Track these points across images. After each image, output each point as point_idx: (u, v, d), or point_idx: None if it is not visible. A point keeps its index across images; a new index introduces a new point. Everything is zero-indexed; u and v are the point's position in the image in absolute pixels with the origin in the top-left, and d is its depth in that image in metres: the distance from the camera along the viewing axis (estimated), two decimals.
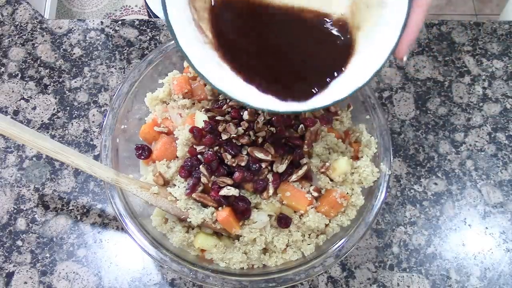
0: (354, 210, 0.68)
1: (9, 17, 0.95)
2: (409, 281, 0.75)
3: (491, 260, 0.77)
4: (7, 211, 0.80)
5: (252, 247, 0.66)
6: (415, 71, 0.90)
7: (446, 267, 0.76)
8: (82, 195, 0.81)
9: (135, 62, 0.90)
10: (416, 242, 0.78)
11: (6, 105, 0.87)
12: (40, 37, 0.93)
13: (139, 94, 0.74)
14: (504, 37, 0.93)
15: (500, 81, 0.90)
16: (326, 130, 0.71)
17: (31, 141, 0.64)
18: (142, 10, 2.33)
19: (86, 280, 0.75)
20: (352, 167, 0.68)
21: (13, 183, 0.82)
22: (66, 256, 0.77)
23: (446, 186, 0.82)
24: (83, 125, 0.86)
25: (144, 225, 0.67)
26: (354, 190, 0.68)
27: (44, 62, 0.91)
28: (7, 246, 0.78)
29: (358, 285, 0.75)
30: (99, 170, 0.66)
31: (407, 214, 0.80)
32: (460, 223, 0.79)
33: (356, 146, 0.72)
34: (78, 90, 0.89)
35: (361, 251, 0.77)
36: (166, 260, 0.64)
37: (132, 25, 0.94)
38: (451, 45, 0.92)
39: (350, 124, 0.74)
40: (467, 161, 0.84)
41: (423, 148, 0.84)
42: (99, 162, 0.68)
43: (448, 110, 0.87)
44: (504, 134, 0.86)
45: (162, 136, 0.73)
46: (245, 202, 0.65)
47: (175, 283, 0.75)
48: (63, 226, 0.79)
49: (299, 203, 0.66)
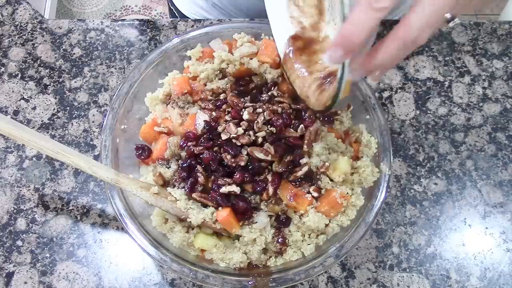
0: (354, 210, 0.68)
1: (9, 17, 0.95)
2: (409, 281, 0.75)
3: (491, 260, 0.77)
4: (7, 211, 0.80)
5: (252, 247, 0.66)
6: (415, 71, 0.90)
7: (446, 267, 0.76)
8: (82, 195, 0.81)
9: (135, 62, 0.90)
10: (416, 242, 0.78)
11: (6, 105, 0.87)
12: (40, 37, 0.93)
13: (139, 94, 0.74)
14: (504, 37, 0.93)
15: (500, 81, 0.90)
16: (326, 130, 0.71)
17: (31, 141, 0.64)
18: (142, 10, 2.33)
19: (86, 280, 0.75)
20: (352, 167, 0.68)
21: (13, 183, 0.82)
22: (66, 256, 0.77)
23: (446, 186, 0.82)
24: (83, 125, 0.86)
25: (144, 225, 0.67)
26: (354, 190, 0.68)
27: (44, 62, 0.91)
28: (7, 246, 0.78)
29: (358, 285, 0.75)
30: (99, 170, 0.66)
31: (407, 214, 0.80)
32: (460, 223, 0.79)
33: (356, 146, 0.72)
34: (78, 90, 0.89)
35: (361, 251, 0.77)
36: (166, 260, 0.64)
37: (132, 25, 0.94)
38: (451, 45, 0.92)
39: (350, 124, 0.74)
40: (467, 161, 0.84)
41: (423, 148, 0.84)
42: (99, 162, 0.68)
43: (448, 110, 0.87)
44: (504, 134, 0.86)
45: (162, 136, 0.73)
46: (246, 202, 0.65)
47: (175, 283, 0.75)
48: (63, 226, 0.79)
49: (299, 203, 0.66)
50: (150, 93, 0.76)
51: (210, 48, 0.76)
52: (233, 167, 0.66)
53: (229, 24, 0.79)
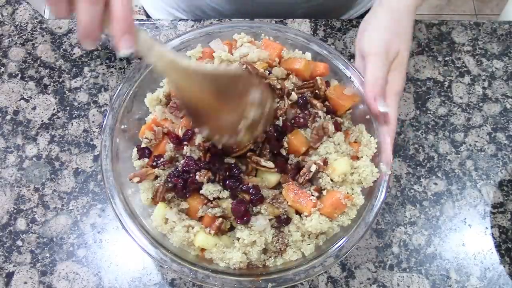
0: (354, 210, 0.68)
1: (9, 17, 0.95)
2: (409, 281, 0.75)
3: (491, 260, 0.77)
4: (7, 211, 0.80)
5: (252, 248, 0.66)
6: (415, 71, 0.90)
7: (446, 267, 0.76)
8: (82, 195, 0.81)
9: (135, 62, 0.90)
10: (416, 242, 0.78)
11: (6, 105, 0.87)
12: (40, 37, 0.93)
13: (139, 94, 0.74)
14: (504, 37, 0.93)
15: (500, 81, 0.90)
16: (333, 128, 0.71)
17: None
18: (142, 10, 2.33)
19: (86, 280, 0.75)
20: (352, 167, 0.68)
21: (13, 183, 0.82)
22: (66, 256, 0.77)
23: (446, 186, 0.82)
24: (83, 125, 0.86)
25: (144, 225, 0.67)
26: (354, 190, 0.68)
27: (44, 62, 0.91)
28: (7, 246, 0.78)
29: (358, 285, 0.75)
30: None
31: (407, 214, 0.80)
32: (460, 223, 0.79)
33: (356, 146, 0.72)
34: (78, 90, 0.89)
35: (361, 251, 0.77)
36: (166, 260, 0.64)
37: None
38: (451, 45, 0.92)
39: (350, 124, 0.74)
40: (467, 161, 0.84)
41: (423, 148, 0.84)
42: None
43: (448, 110, 0.87)
44: (504, 134, 0.86)
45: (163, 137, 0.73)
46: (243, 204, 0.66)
47: (175, 283, 0.75)
48: (63, 226, 0.79)
49: (304, 205, 0.66)
50: (150, 93, 0.75)
51: (210, 49, 0.76)
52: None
53: (229, 24, 0.79)
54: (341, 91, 0.73)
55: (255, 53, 0.72)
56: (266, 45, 0.75)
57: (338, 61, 0.74)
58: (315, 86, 0.72)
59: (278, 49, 0.75)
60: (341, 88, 0.73)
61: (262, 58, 0.73)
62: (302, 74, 0.73)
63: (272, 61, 0.73)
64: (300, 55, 0.75)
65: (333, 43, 0.92)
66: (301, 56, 0.75)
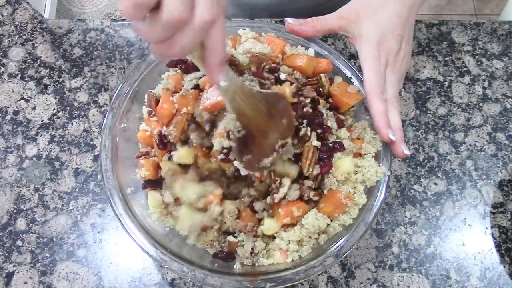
0: (356, 209, 0.67)
1: (9, 17, 0.95)
2: (409, 281, 0.75)
3: (491, 260, 0.77)
4: (7, 211, 0.80)
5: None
6: (415, 71, 0.90)
7: (446, 267, 0.76)
8: (82, 195, 0.81)
9: (135, 62, 0.90)
10: (416, 242, 0.78)
11: (6, 105, 0.88)
12: (40, 37, 0.93)
13: (139, 94, 0.74)
14: (504, 37, 0.93)
15: (500, 81, 0.90)
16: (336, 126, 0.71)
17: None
18: None
19: (86, 280, 0.75)
20: (355, 165, 0.68)
21: (13, 183, 0.82)
22: (66, 256, 0.77)
23: (446, 186, 0.82)
24: (83, 125, 0.86)
25: (144, 225, 0.67)
26: (357, 188, 0.68)
27: (44, 62, 0.91)
28: (7, 246, 0.78)
29: (358, 285, 0.75)
30: None
31: (407, 214, 0.80)
32: (460, 223, 0.79)
33: (359, 142, 0.71)
34: (78, 90, 0.89)
35: (361, 251, 0.77)
36: (166, 260, 0.64)
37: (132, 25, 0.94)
38: (451, 45, 0.92)
39: (352, 122, 0.74)
40: (467, 161, 0.84)
41: (423, 148, 0.84)
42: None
43: (448, 110, 0.87)
44: (504, 134, 0.86)
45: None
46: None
47: (175, 283, 0.75)
48: (63, 226, 0.79)
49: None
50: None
51: None
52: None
53: (229, 24, 0.79)
54: (345, 88, 0.72)
55: (258, 49, 0.72)
56: (269, 41, 0.74)
57: (338, 61, 0.73)
58: (319, 84, 0.72)
59: (281, 45, 0.74)
60: (345, 85, 0.73)
61: (265, 53, 0.72)
62: (305, 71, 0.72)
63: (275, 57, 0.73)
64: (303, 51, 0.74)
65: (333, 43, 0.92)
66: (304, 53, 0.74)
